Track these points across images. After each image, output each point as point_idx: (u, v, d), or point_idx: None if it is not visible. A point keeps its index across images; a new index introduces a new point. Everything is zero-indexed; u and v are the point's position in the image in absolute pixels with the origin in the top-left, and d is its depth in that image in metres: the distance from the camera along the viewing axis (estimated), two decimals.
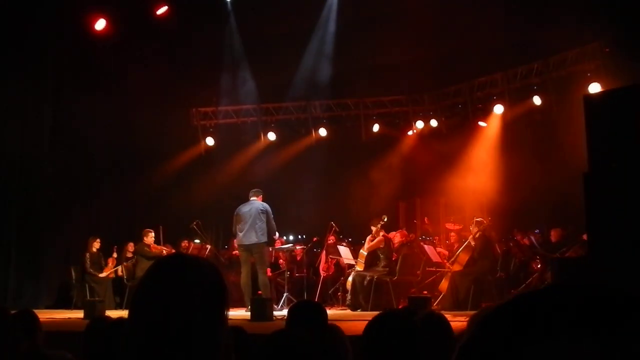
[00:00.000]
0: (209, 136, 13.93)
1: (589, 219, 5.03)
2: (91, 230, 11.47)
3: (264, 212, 9.31)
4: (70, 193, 11.63)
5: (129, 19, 11.55)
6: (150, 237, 11.21)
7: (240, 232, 9.28)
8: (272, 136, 13.77)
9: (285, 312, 8.96)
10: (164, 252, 10.95)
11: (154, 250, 11.08)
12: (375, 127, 13.49)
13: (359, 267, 10.16)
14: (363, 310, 9.47)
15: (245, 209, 9.36)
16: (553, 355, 0.57)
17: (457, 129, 12.88)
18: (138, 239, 11.40)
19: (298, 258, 12.42)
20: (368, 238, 10.31)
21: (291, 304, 3.42)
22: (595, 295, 0.60)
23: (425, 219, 13.06)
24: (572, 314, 0.59)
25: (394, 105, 13.57)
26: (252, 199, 9.54)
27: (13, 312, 3.23)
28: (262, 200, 9.56)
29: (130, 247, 11.43)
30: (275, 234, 9.69)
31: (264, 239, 9.28)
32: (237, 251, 11.53)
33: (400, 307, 8.71)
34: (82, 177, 11.97)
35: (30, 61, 11.02)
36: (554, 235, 10.36)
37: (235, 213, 9.44)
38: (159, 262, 1.52)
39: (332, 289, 11.19)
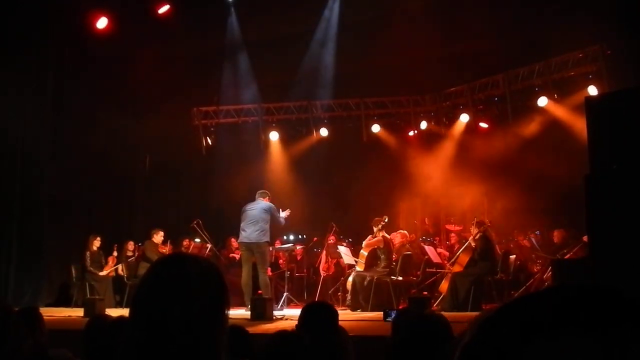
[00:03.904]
0: (209, 135, 13.93)
1: (589, 220, 5.03)
2: (91, 229, 11.48)
3: (268, 211, 9.39)
4: (70, 191, 11.64)
5: (131, 18, 11.55)
6: (159, 236, 11.20)
7: (243, 230, 9.38)
8: (273, 136, 13.78)
9: (284, 312, 9.00)
10: (166, 251, 10.97)
11: (161, 250, 11.06)
12: (376, 128, 13.50)
13: (359, 268, 10.16)
14: (363, 310, 9.47)
15: (250, 208, 9.48)
16: (554, 356, 0.58)
17: (458, 130, 12.87)
18: (138, 238, 11.40)
19: (298, 258, 12.44)
20: (368, 238, 10.32)
21: (304, 305, 3.46)
22: (596, 296, 0.61)
23: (426, 219, 13.07)
24: (572, 314, 0.59)
25: (395, 106, 13.57)
26: (258, 199, 9.63)
27: (16, 309, 3.24)
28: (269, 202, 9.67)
29: (130, 245, 11.44)
30: (282, 223, 9.73)
31: (265, 238, 9.33)
32: (234, 254, 11.59)
33: (400, 307, 8.71)
34: (82, 176, 11.97)
35: (32, 59, 11.02)
36: (556, 236, 10.36)
37: (242, 210, 9.54)
38: (159, 261, 1.52)
39: (332, 289, 11.19)
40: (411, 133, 13.61)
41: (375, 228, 10.18)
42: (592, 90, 10.44)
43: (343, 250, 10.81)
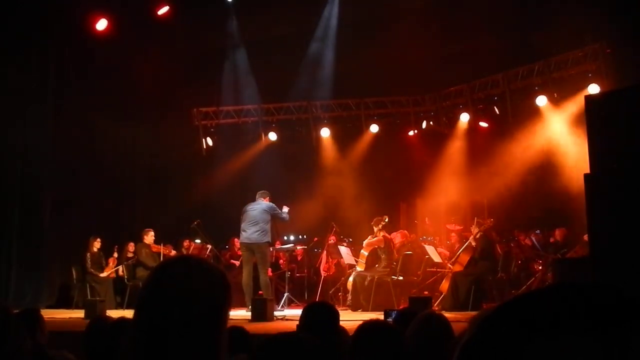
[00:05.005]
0: (209, 136, 13.93)
1: (589, 219, 5.03)
2: (92, 230, 11.48)
3: (268, 211, 9.42)
4: (71, 192, 11.64)
5: (131, 19, 11.55)
6: (150, 237, 11.22)
7: (244, 231, 9.40)
8: (273, 136, 13.78)
9: (285, 312, 9.01)
10: (162, 251, 10.99)
11: (154, 250, 11.09)
12: (376, 128, 13.50)
13: (360, 267, 10.16)
14: (364, 310, 9.48)
15: (251, 208, 9.51)
16: (554, 355, 0.58)
17: (458, 129, 12.87)
18: (139, 239, 11.39)
19: (299, 258, 12.45)
20: (369, 237, 10.33)
21: (305, 305, 3.45)
22: (596, 295, 0.61)
23: (426, 219, 13.06)
24: (572, 313, 0.59)
25: (395, 106, 13.57)
26: (259, 199, 9.65)
27: (17, 310, 3.24)
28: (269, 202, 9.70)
29: (131, 247, 11.44)
30: (286, 219, 9.76)
31: (266, 239, 9.35)
32: (234, 260, 11.60)
33: (400, 307, 8.71)
34: (83, 177, 11.98)
35: (32, 60, 11.02)
36: (558, 235, 10.36)
37: (242, 211, 9.56)
38: (163, 263, 1.52)
39: (333, 289, 11.19)
40: (411, 133, 13.61)
41: (375, 228, 10.18)
42: (592, 89, 10.43)
43: (343, 250, 10.81)
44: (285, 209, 9.81)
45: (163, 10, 11.76)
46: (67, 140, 11.41)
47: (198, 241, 11.84)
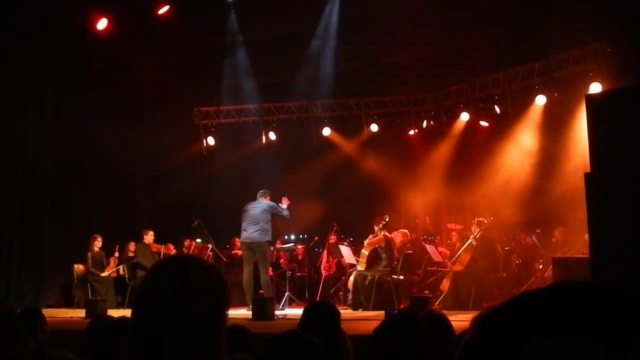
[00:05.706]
0: (210, 135, 13.93)
1: (590, 219, 5.03)
2: (93, 230, 11.49)
3: (269, 211, 9.44)
4: (71, 192, 11.64)
5: (131, 19, 11.55)
6: (149, 237, 11.23)
7: (244, 230, 9.42)
8: (273, 136, 13.77)
9: (286, 311, 9.01)
10: (163, 250, 11.00)
11: (153, 249, 11.10)
12: (377, 127, 13.50)
13: (360, 267, 10.16)
14: (364, 309, 9.48)
15: (252, 207, 9.53)
16: (554, 354, 0.58)
17: (458, 128, 12.87)
18: (139, 238, 11.41)
19: (299, 257, 12.45)
20: (369, 237, 10.33)
21: (306, 304, 3.46)
22: (596, 295, 0.61)
23: (427, 218, 13.07)
24: (573, 313, 0.59)
25: (396, 105, 13.57)
26: (259, 199, 9.66)
27: (18, 310, 3.24)
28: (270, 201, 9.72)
29: (132, 246, 11.44)
30: (287, 217, 9.77)
31: (267, 238, 9.37)
32: (236, 251, 11.61)
33: (401, 306, 8.72)
34: (84, 176, 11.98)
35: (32, 60, 11.03)
36: (559, 234, 10.36)
37: (243, 210, 9.57)
38: (160, 263, 1.52)
39: (334, 289, 11.20)
40: (412, 132, 13.60)
41: (376, 227, 10.18)
42: (593, 88, 10.42)
43: (344, 249, 10.81)
44: (284, 204, 9.80)
45: (163, 9, 11.75)
46: (67, 140, 11.40)
47: (199, 241, 11.84)
